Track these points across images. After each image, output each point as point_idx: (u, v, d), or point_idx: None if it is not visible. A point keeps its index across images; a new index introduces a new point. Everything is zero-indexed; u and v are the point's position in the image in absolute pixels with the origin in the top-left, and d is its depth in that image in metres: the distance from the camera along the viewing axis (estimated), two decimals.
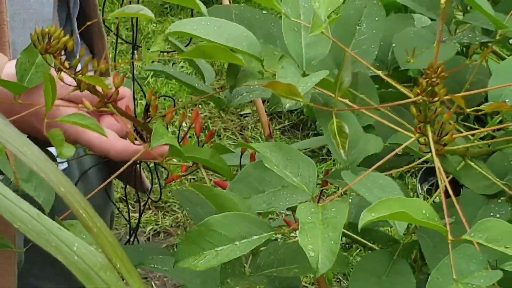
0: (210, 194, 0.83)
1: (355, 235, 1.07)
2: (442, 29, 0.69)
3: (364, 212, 0.69)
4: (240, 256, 0.81)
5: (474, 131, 0.98)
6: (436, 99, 0.72)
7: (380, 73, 0.84)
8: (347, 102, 0.83)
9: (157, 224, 2.57)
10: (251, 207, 0.84)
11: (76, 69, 0.85)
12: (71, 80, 0.87)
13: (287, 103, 0.78)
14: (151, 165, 1.54)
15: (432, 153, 0.77)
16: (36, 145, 0.97)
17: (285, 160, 0.83)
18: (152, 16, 0.84)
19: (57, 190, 0.52)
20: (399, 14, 1.31)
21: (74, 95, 0.90)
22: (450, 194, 0.80)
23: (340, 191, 0.80)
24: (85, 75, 0.85)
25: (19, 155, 0.52)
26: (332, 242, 0.72)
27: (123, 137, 0.96)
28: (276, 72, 0.86)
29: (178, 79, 1.04)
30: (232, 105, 1.04)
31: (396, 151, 0.79)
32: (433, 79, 0.69)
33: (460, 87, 1.10)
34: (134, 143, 0.91)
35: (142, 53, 0.88)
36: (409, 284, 0.91)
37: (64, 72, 0.85)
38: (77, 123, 0.85)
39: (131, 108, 0.95)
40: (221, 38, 0.86)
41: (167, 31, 0.85)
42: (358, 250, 2.32)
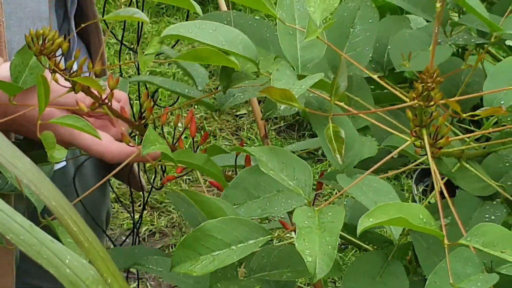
0: (199, 200, 0.83)
1: (350, 236, 1.07)
2: (438, 31, 0.69)
3: (362, 218, 0.68)
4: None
5: (469, 133, 0.98)
6: (432, 103, 0.72)
7: (376, 76, 0.84)
8: (342, 105, 0.83)
9: (152, 225, 2.57)
10: (244, 214, 0.84)
11: (71, 71, 0.85)
12: (66, 82, 0.86)
13: (281, 106, 0.78)
14: (147, 165, 1.54)
15: (428, 156, 0.77)
16: (32, 147, 0.98)
17: (280, 164, 0.83)
18: (147, 19, 0.84)
19: (48, 204, 0.52)
20: (394, 15, 1.31)
21: (67, 99, 0.90)
22: (444, 196, 0.80)
23: (336, 195, 0.80)
24: (80, 77, 0.85)
25: (9, 167, 0.52)
26: (330, 247, 0.71)
27: (118, 141, 0.96)
28: (271, 74, 0.86)
29: (167, 88, 1.04)
30: (224, 107, 1.04)
31: (392, 154, 0.79)
32: (429, 84, 0.69)
33: (455, 88, 1.10)
34: (129, 145, 0.91)
35: (138, 54, 0.88)
36: (403, 285, 0.91)
37: (58, 74, 0.84)
38: (71, 125, 0.85)
39: (127, 111, 0.95)
40: (216, 41, 0.86)
41: (162, 34, 0.85)
42: (354, 251, 2.32)
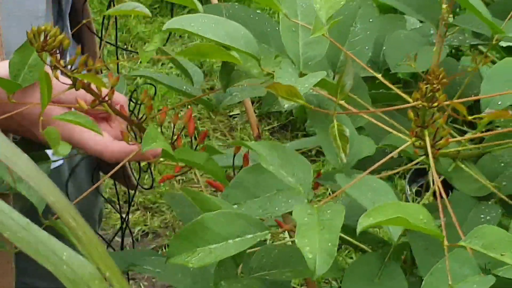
0: (198, 198, 0.82)
1: (345, 236, 1.06)
2: (443, 32, 0.69)
3: (362, 217, 0.68)
4: (234, 257, 0.80)
5: (467, 135, 0.99)
6: (435, 104, 0.71)
7: (380, 76, 0.84)
8: (343, 103, 0.82)
9: (145, 225, 2.56)
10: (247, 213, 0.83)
11: (72, 68, 0.85)
12: (65, 80, 0.86)
13: (285, 104, 0.77)
14: (142, 164, 1.54)
15: (429, 157, 0.77)
16: (30, 147, 0.97)
17: (280, 160, 0.82)
18: (148, 13, 0.83)
19: (47, 199, 0.52)
20: (390, 15, 1.30)
21: (66, 97, 0.90)
22: (442, 196, 0.80)
23: (334, 194, 0.80)
24: (82, 73, 0.84)
25: (9, 163, 0.52)
26: (330, 244, 0.71)
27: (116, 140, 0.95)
28: (271, 71, 0.86)
29: (165, 84, 1.04)
30: (222, 106, 1.03)
31: (392, 154, 0.78)
32: (435, 85, 0.69)
33: (451, 89, 1.10)
34: (128, 143, 0.91)
35: (132, 55, 0.87)
36: (401, 286, 0.91)
37: (59, 71, 0.84)
38: (73, 121, 0.84)
39: (126, 111, 0.94)
40: (218, 36, 0.85)
41: (164, 27, 0.84)
42: (347, 251, 2.32)
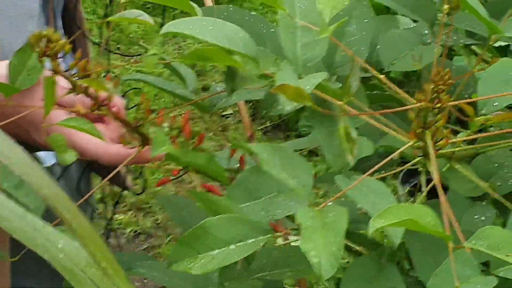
0: (207, 200, 0.81)
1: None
2: (441, 33, 0.69)
3: (373, 219, 0.68)
4: (246, 258, 0.79)
5: (460, 134, 0.99)
6: (439, 105, 0.71)
7: (383, 77, 0.83)
8: (342, 104, 0.82)
9: (137, 226, 2.56)
10: (248, 215, 0.83)
11: (71, 72, 0.85)
12: (63, 83, 0.85)
13: (288, 106, 0.77)
14: (132, 167, 1.53)
15: (430, 158, 0.77)
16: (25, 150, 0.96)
17: (281, 162, 0.82)
18: (152, 22, 0.83)
19: (40, 192, 0.51)
20: (382, 15, 1.30)
21: (66, 101, 0.89)
22: (435, 196, 0.80)
23: (335, 196, 0.80)
24: (84, 79, 0.84)
25: (2, 157, 0.51)
26: (334, 248, 0.71)
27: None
28: (270, 74, 0.85)
29: (158, 87, 1.03)
30: (216, 108, 1.03)
31: (392, 155, 0.78)
32: (440, 86, 0.69)
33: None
34: (128, 147, 0.90)
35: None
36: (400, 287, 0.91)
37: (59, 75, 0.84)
38: (76, 127, 0.84)
39: (123, 114, 0.94)
40: (217, 39, 0.85)
41: (161, 31, 0.84)
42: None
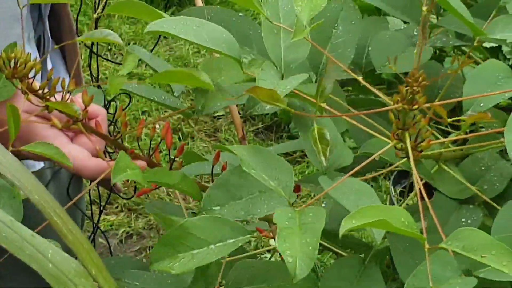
0: (171, 225, 0.83)
1: (326, 241, 1.07)
2: (423, 35, 0.69)
3: (345, 220, 0.68)
4: (214, 271, 0.80)
5: (449, 136, 0.99)
6: (416, 106, 0.72)
7: (361, 79, 0.84)
8: (325, 107, 0.82)
9: (129, 227, 2.56)
10: (227, 215, 0.83)
11: (44, 90, 0.85)
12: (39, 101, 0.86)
13: (267, 106, 0.78)
14: None
15: (410, 160, 0.77)
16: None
17: (262, 164, 0.82)
18: (120, 42, 0.84)
19: (31, 197, 0.51)
20: (373, 17, 1.31)
21: (43, 115, 0.90)
22: (424, 199, 0.80)
23: (316, 197, 0.80)
24: (52, 101, 0.84)
25: None
26: (310, 248, 0.71)
27: (96, 156, 0.95)
28: (253, 75, 0.86)
29: (144, 96, 1.03)
30: (204, 113, 1.03)
31: (373, 157, 0.78)
32: (414, 88, 0.69)
33: (433, 92, 1.11)
34: (105, 160, 0.91)
35: (116, 56, 0.88)
36: None
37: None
38: (42, 153, 0.85)
39: (103, 127, 0.94)
40: (200, 39, 0.85)
41: (145, 30, 0.84)
42: (332, 253, 2.32)
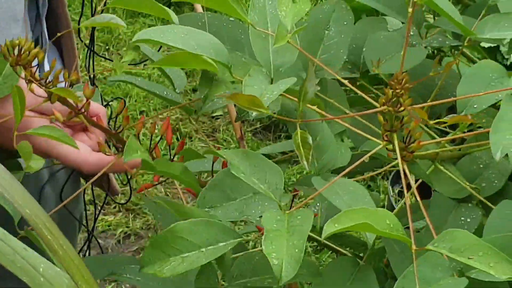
0: (181, 211, 0.83)
1: (326, 239, 1.07)
2: (408, 34, 0.70)
3: (327, 224, 0.69)
4: (214, 267, 0.80)
5: (445, 135, 0.99)
6: (402, 109, 0.72)
7: (347, 81, 0.84)
8: (315, 109, 0.83)
9: (127, 227, 2.56)
10: (222, 216, 0.84)
11: (47, 80, 0.85)
12: (41, 92, 0.86)
13: (253, 112, 0.78)
14: (122, 177, 1.53)
15: (399, 160, 0.77)
16: (6, 155, 0.96)
17: (252, 167, 0.83)
18: (124, 25, 0.84)
19: (22, 212, 0.51)
20: (371, 17, 1.31)
21: (46, 106, 0.89)
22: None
23: (308, 198, 0.80)
24: (56, 87, 0.84)
25: None
26: (297, 250, 0.72)
27: (95, 151, 0.95)
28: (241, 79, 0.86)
29: (145, 89, 1.04)
30: (202, 111, 1.04)
31: (363, 158, 0.79)
32: (398, 90, 0.70)
33: (429, 91, 1.11)
34: (106, 154, 0.91)
35: (114, 60, 0.88)
36: None
37: (34, 84, 0.84)
38: (47, 135, 0.84)
39: (104, 123, 0.94)
40: (188, 46, 0.86)
41: (133, 39, 0.85)
42: (330, 252, 2.32)
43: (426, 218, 0.74)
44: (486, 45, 2.05)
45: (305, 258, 0.73)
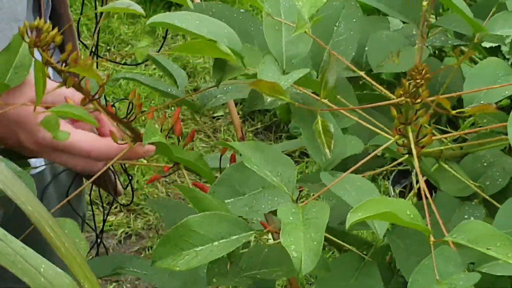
0: (194, 197, 0.82)
1: (329, 236, 1.07)
2: (422, 32, 0.70)
3: (351, 212, 0.69)
4: (228, 255, 0.80)
5: (449, 134, 0.99)
6: (419, 100, 0.72)
7: (363, 73, 0.84)
8: (327, 102, 0.83)
9: (129, 227, 2.56)
10: (231, 211, 0.83)
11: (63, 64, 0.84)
12: (52, 83, 0.85)
13: (268, 99, 0.78)
14: (122, 179, 1.53)
15: (413, 155, 0.77)
16: (10, 155, 0.96)
17: (264, 160, 0.83)
18: (142, 11, 0.84)
19: (24, 209, 0.51)
20: (373, 16, 1.31)
21: (53, 100, 0.89)
22: (426, 196, 0.80)
23: (318, 192, 0.80)
24: (75, 68, 0.83)
25: None
26: (315, 243, 0.71)
27: None
28: (255, 71, 0.86)
29: (150, 86, 1.04)
30: (206, 108, 1.04)
31: (375, 152, 0.79)
32: (418, 80, 0.70)
33: (433, 90, 1.11)
34: (117, 143, 0.90)
35: (114, 56, 0.88)
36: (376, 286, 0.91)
37: (50, 69, 0.84)
38: (69, 113, 0.83)
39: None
40: (202, 33, 0.86)
41: (148, 22, 0.85)
42: (331, 252, 2.33)
43: (436, 214, 0.74)
44: (488, 45, 2.05)
45: None
